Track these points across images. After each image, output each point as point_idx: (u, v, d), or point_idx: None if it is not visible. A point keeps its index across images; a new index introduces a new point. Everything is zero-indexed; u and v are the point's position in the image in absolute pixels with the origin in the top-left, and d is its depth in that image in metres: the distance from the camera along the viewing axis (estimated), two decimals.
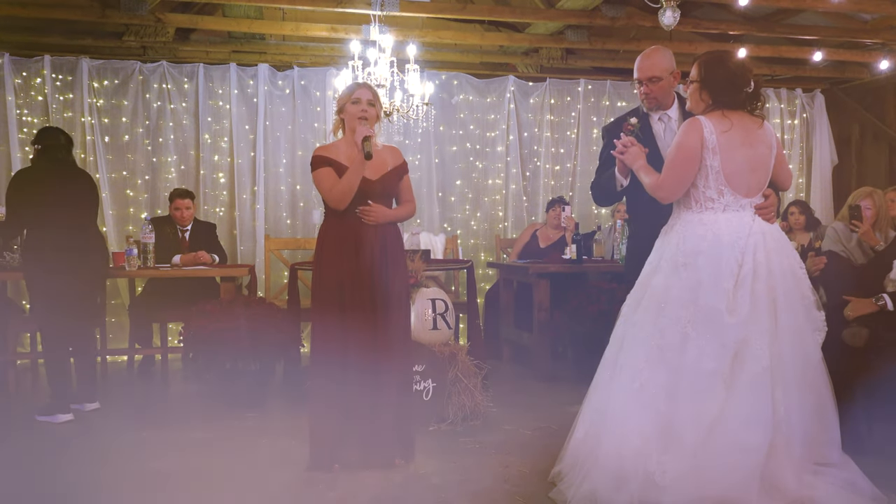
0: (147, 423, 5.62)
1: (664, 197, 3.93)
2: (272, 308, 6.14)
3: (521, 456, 4.76)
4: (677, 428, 3.61)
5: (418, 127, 8.96)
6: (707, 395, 3.60)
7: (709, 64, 3.89)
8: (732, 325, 3.64)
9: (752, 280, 3.70)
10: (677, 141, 3.89)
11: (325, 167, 4.50)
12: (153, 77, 8.62)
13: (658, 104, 4.46)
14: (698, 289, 3.72)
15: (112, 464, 4.67)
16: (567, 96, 9.68)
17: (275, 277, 8.63)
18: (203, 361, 5.85)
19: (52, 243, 5.68)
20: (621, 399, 3.77)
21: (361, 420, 4.46)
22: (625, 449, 3.64)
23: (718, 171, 3.79)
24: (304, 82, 9.00)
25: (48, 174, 5.84)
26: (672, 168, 3.86)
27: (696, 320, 3.69)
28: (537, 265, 7.17)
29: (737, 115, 3.85)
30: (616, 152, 4.19)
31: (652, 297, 3.86)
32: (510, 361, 8.02)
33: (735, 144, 3.81)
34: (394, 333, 4.51)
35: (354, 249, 4.48)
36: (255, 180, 8.83)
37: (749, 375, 3.60)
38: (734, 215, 3.83)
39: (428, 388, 5.41)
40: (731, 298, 3.68)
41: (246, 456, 4.82)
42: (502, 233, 9.44)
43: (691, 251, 3.80)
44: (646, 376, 3.72)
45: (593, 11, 7.99)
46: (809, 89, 10.31)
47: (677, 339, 3.70)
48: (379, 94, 4.84)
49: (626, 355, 3.85)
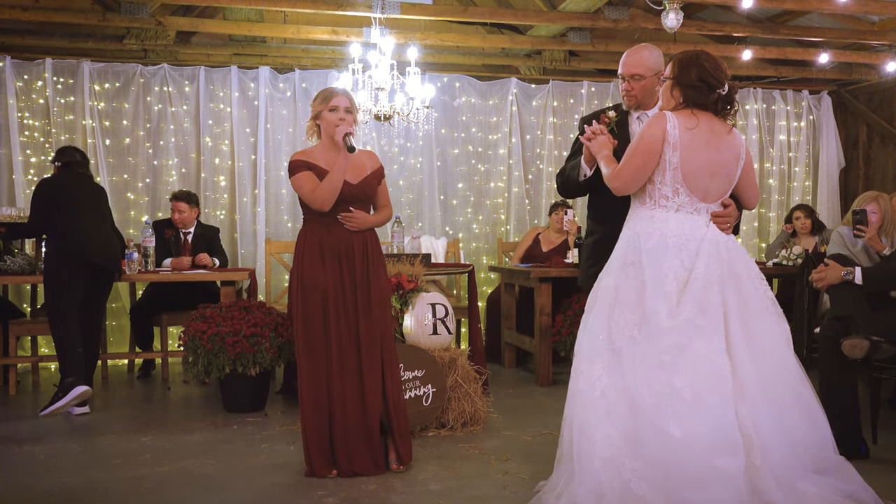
0: (147, 427, 5.67)
1: (619, 188, 3.81)
2: (272, 312, 6.20)
3: (521, 462, 4.79)
4: (644, 436, 3.49)
5: (419, 130, 9.01)
6: (665, 408, 3.46)
7: (682, 62, 3.80)
8: (669, 329, 3.53)
9: (701, 287, 3.58)
10: (640, 132, 3.79)
11: (304, 171, 4.55)
12: (154, 80, 8.69)
13: (638, 103, 4.34)
14: (642, 289, 3.63)
15: (112, 468, 4.72)
16: (570, 98, 9.73)
17: (275, 281, 8.69)
18: (203, 365, 5.91)
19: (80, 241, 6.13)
20: (587, 408, 3.65)
21: (349, 426, 4.51)
22: (595, 460, 3.54)
23: (676, 168, 3.69)
24: (305, 85, 9.06)
25: (73, 182, 6.35)
26: (631, 158, 3.76)
27: (641, 323, 3.60)
28: (540, 269, 7.22)
29: (705, 116, 3.76)
30: (584, 137, 4.10)
31: (603, 299, 3.77)
32: (511, 366, 8.08)
33: (698, 144, 3.71)
34: (377, 338, 4.58)
35: (337, 256, 4.55)
36: (256, 183, 8.89)
37: (717, 396, 3.46)
38: (687, 217, 3.74)
39: (427, 394, 5.46)
40: (672, 302, 3.58)
41: (245, 461, 4.87)
42: (504, 236, 9.49)
43: (638, 249, 3.72)
44: (605, 383, 3.62)
45: (596, 14, 8.02)
46: (816, 91, 10.35)
47: (625, 343, 3.61)
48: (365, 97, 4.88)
49: (585, 362, 3.75)
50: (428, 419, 5.47)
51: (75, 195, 6.27)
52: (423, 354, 5.47)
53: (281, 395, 6.67)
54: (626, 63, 4.30)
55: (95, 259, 6.18)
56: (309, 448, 4.52)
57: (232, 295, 6.72)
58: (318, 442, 4.51)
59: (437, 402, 5.49)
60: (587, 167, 4.25)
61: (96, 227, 6.29)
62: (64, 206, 6.19)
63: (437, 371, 5.50)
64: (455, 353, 5.71)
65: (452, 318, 5.78)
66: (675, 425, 3.42)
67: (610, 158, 3.95)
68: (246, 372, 5.91)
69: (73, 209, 6.20)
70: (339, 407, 4.50)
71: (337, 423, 4.51)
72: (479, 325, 6.75)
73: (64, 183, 6.33)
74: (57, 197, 6.21)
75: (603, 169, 3.94)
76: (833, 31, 8.64)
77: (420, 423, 5.39)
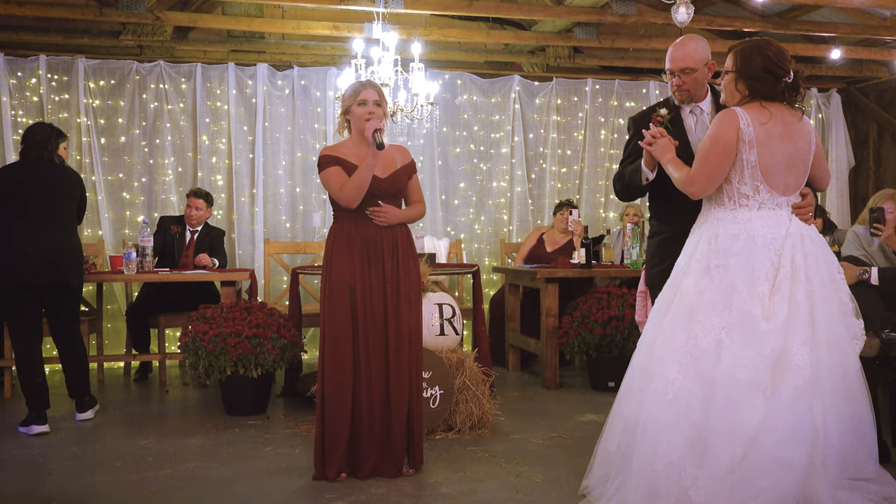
0: (146, 431, 5.65)
1: (695, 192, 3.78)
2: (275, 313, 6.18)
3: (532, 466, 4.78)
4: (713, 441, 3.48)
5: (422, 128, 9.00)
6: (744, 407, 3.46)
7: (745, 53, 3.76)
8: (769, 333, 3.51)
9: (790, 284, 3.58)
10: (711, 133, 3.75)
11: (333, 166, 4.52)
12: (150, 77, 8.67)
13: (690, 97, 4.26)
14: (732, 293, 3.60)
15: (111, 472, 4.69)
16: (574, 96, 9.72)
17: (274, 283, 8.67)
18: (204, 367, 5.89)
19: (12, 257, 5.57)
20: (653, 410, 3.63)
21: (374, 427, 4.49)
22: (658, 463, 3.52)
23: (755, 166, 3.66)
24: (304, 82, 9.05)
25: (24, 174, 5.73)
26: (705, 162, 3.72)
27: (730, 326, 3.56)
28: (546, 269, 7.21)
29: (775, 107, 3.72)
30: (644, 143, 4.05)
31: (683, 302, 3.72)
32: (516, 369, 8.07)
33: (773, 138, 3.67)
34: (405, 338, 4.53)
35: (366, 252, 4.51)
36: (254, 183, 8.88)
37: (790, 388, 3.46)
38: (770, 214, 3.71)
39: (435, 396, 5.44)
40: (767, 304, 3.56)
41: (249, 464, 4.85)
42: (507, 237, 9.48)
43: (724, 252, 3.67)
44: (679, 386, 3.58)
45: (603, 8, 8.02)
46: (825, 89, 10.35)
47: (711, 347, 3.57)
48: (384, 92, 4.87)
49: (657, 363, 3.71)
50: (435, 421, 5.45)
51: (23, 191, 5.64)
52: (431, 355, 5.45)
53: (282, 398, 6.65)
54: (675, 57, 4.23)
55: (32, 279, 5.57)
56: (324, 450, 4.49)
57: (232, 295, 6.71)
58: (333, 443, 4.48)
59: (445, 405, 5.47)
60: (648, 171, 4.18)
61: (38, 235, 5.58)
62: (6, 209, 5.62)
63: (444, 372, 5.48)
64: (462, 354, 5.70)
65: (460, 318, 5.77)
66: (755, 420, 3.45)
67: (676, 161, 3.90)
68: (248, 374, 5.89)
69: (15, 211, 5.61)
70: (365, 408, 4.48)
71: (364, 425, 4.48)
72: (484, 327, 6.74)
73: (12, 175, 5.76)
74: (2, 196, 5.66)
75: (673, 173, 3.89)
76: (845, 26, 8.65)
77: (428, 425, 5.36)
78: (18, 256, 5.54)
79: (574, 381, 7.46)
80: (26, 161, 5.79)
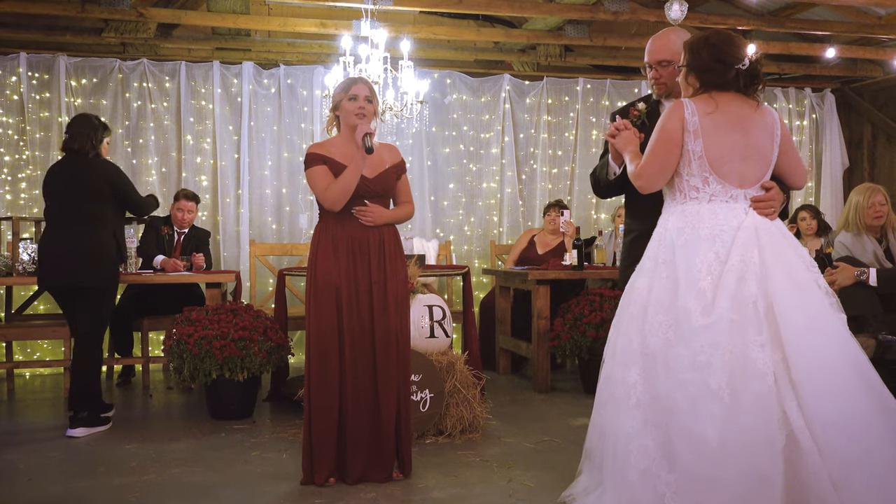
0: (130, 436, 5.61)
1: (643, 185, 3.71)
2: (261, 315, 6.16)
3: (524, 470, 4.76)
4: (679, 449, 3.36)
5: (410, 128, 9.00)
6: (700, 412, 3.32)
7: (693, 45, 3.71)
8: (703, 328, 3.39)
9: (735, 278, 3.44)
10: (658, 125, 3.69)
11: (319, 164, 4.49)
12: (133, 75, 8.65)
13: (668, 90, 4.19)
14: (675, 288, 3.52)
15: (96, 476, 4.67)
16: (565, 96, 9.74)
17: (260, 285, 8.64)
18: (189, 371, 5.86)
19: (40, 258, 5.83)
20: (620, 418, 3.53)
21: (362, 431, 4.46)
22: (631, 472, 3.43)
23: (701, 157, 3.58)
24: (290, 81, 9.03)
25: (56, 172, 5.87)
26: (651, 153, 3.67)
27: (675, 324, 3.47)
28: (537, 271, 7.20)
29: (726, 97, 3.65)
30: (607, 135, 4.01)
31: (637, 302, 3.66)
32: (507, 373, 8.06)
33: (722, 128, 3.59)
34: (393, 339, 4.51)
35: (351, 252, 4.49)
36: (240, 183, 8.86)
37: (752, 395, 3.31)
38: (721, 206, 3.61)
39: (425, 399, 5.43)
40: (707, 298, 3.43)
41: (236, 468, 4.83)
42: (497, 239, 9.48)
43: (670, 246, 3.61)
44: (640, 390, 3.50)
45: (595, 5, 8.03)
46: (819, 89, 10.39)
47: (660, 346, 3.48)
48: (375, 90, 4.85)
49: (619, 369, 3.62)
50: (426, 425, 5.44)
51: (52, 191, 5.82)
52: (421, 358, 5.44)
53: (268, 402, 6.63)
54: (652, 49, 4.18)
55: (51, 281, 5.76)
56: (312, 455, 4.46)
57: (218, 298, 6.68)
58: (321, 448, 4.45)
59: (435, 408, 5.46)
60: (615, 165, 4.15)
61: (57, 236, 5.72)
62: (45, 210, 5.86)
63: (434, 376, 5.47)
64: (453, 357, 5.68)
65: (450, 320, 5.76)
66: (711, 430, 3.29)
67: (636, 154, 3.84)
68: (234, 377, 5.86)
69: (46, 213, 5.85)
70: (351, 411, 4.45)
71: (350, 428, 4.46)
72: (475, 330, 6.72)
73: (49, 175, 5.88)
74: (44, 195, 5.88)
75: (628, 166, 3.83)
76: (839, 24, 8.68)
77: (417, 429, 5.35)
78: (42, 259, 5.79)
79: (566, 384, 7.45)
80: (63, 159, 5.90)
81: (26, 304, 7.67)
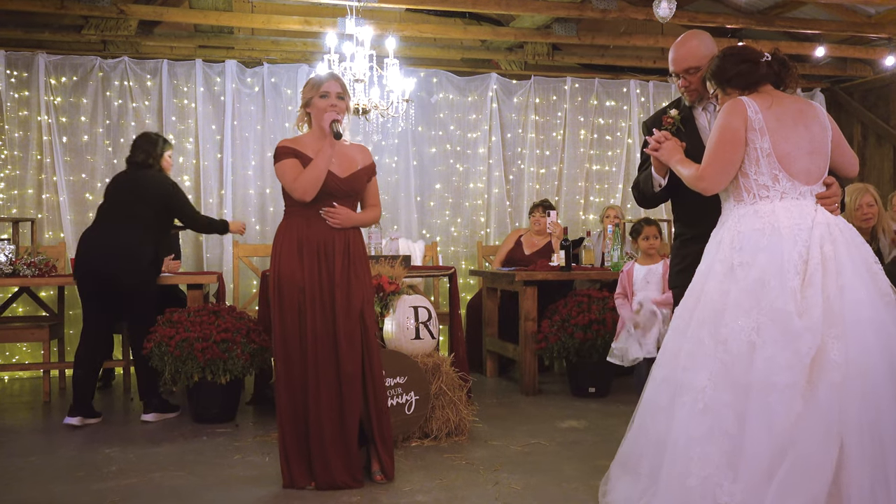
0: (111, 439, 5.58)
1: (706, 188, 3.65)
2: (244, 317, 6.13)
3: (511, 473, 4.75)
4: (749, 452, 3.31)
5: (396, 127, 8.99)
6: (782, 411, 3.28)
7: (713, 73, 3.76)
8: (805, 330, 3.33)
9: (821, 276, 3.41)
10: (718, 123, 3.64)
11: (290, 158, 4.47)
12: (114, 74, 8.61)
13: (700, 96, 4.15)
14: (760, 290, 3.44)
15: (75, 480, 4.63)
16: (553, 95, 9.74)
17: (244, 287, 8.61)
18: (170, 373, 5.83)
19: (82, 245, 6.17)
20: (683, 424, 3.47)
21: (330, 434, 4.43)
22: (691, 479, 3.35)
23: (770, 154, 3.55)
24: (274, 80, 9.01)
25: (115, 180, 6.38)
26: (714, 154, 3.61)
27: (761, 326, 3.40)
28: (524, 272, 7.19)
29: (776, 92, 3.65)
30: (649, 149, 3.98)
31: (707, 306, 3.58)
32: (493, 375, 8.05)
33: (785, 122, 3.57)
34: (358, 343, 4.48)
35: (316, 253, 4.46)
36: (223, 183, 8.82)
37: (826, 385, 3.28)
38: (793, 204, 3.56)
39: (410, 402, 5.41)
40: (799, 298, 3.39)
41: (218, 472, 4.80)
42: (484, 240, 9.47)
43: (748, 248, 3.53)
44: (710, 395, 3.43)
45: (583, 3, 8.03)
46: (808, 88, 10.43)
47: (743, 351, 3.41)
48: (349, 87, 4.81)
49: (685, 374, 3.56)
50: (411, 428, 5.42)
51: (110, 192, 6.29)
52: (406, 360, 5.42)
53: (252, 405, 6.59)
54: (678, 58, 4.14)
55: (87, 266, 6.05)
56: (287, 458, 4.45)
57: (199, 299, 6.64)
58: (296, 451, 4.44)
59: (421, 411, 5.44)
60: (659, 177, 4.10)
61: (104, 231, 6.12)
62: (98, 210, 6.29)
63: (420, 378, 5.45)
64: (439, 359, 5.66)
65: (436, 321, 5.74)
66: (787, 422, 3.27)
67: (685, 161, 3.81)
68: (216, 380, 5.84)
69: (100, 212, 6.25)
70: (314, 414, 4.42)
71: (313, 432, 4.42)
72: (461, 332, 6.71)
73: (111, 183, 6.37)
74: (104, 196, 6.34)
75: (682, 172, 3.79)
76: (829, 23, 8.72)
77: (402, 432, 5.34)
78: (85, 244, 6.11)
79: (553, 387, 7.45)
80: (127, 168, 6.37)
81: (4, 305, 7.61)
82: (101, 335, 6.21)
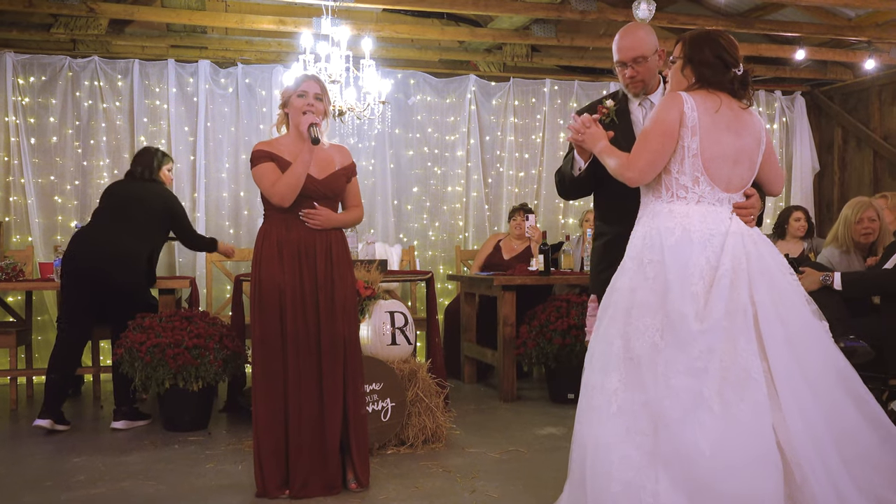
0: (79, 448, 5.54)
1: (634, 178, 3.59)
2: (217, 323, 6.09)
3: (489, 481, 4.73)
4: (667, 458, 3.26)
5: (372, 129, 8.96)
6: (689, 422, 3.24)
7: (695, 39, 3.67)
8: (700, 333, 3.32)
9: (729, 286, 3.38)
10: (653, 115, 3.61)
11: (267, 162, 4.45)
12: (84, 73, 8.54)
13: (645, 87, 4.14)
14: (666, 291, 3.42)
15: (42, 491, 4.59)
16: (532, 97, 9.74)
17: (217, 292, 8.56)
18: (141, 380, 5.78)
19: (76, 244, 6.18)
20: (601, 427, 3.42)
21: (309, 441, 4.40)
22: (614, 484, 3.31)
23: (696, 155, 3.51)
24: (248, 80, 8.97)
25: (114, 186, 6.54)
26: (646, 144, 3.56)
27: (664, 328, 3.38)
28: (503, 277, 7.18)
29: (724, 97, 3.59)
30: (571, 137, 3.91)
31: (618, 303, 3.55)
32: (472, 381, 8.03)
33: (719, 128, 3.53)
34: (340, 346, 4.46)
35: (297, 256, 4.45)
36: (196, 186, 8.78)
37: (750, 404, 3.24)
38: (709, 209, 3.55)
39: (386, 409, 5.39)
40: (700, 303, 3.37)
41: (189, 481, 4.77)
42: (462, 244, 9.45)
43: (658, 247, 3.50)
44: (622, 397, 3.39)
45: (562, 4, 8.04)
46: (789, 92, 10.48)
47: (647, 351, 3.39)
48: (328, 89, 4.80)
49: (598, 375, 3.52)
50: (386, 436, 5.40)
51: (107, 200, 6.37)
52: (381, 366, 5.40)
53: (225, 413, 6.55)
54: (625, 47, 4.09)
55: (80, 262, 6.05)
56: (262, 465, 4.41)
57: (171, 304, 6.60)
58: (272, 458, 4.40)
59: (397, 418, 5.42)
60: (581, 160, 4.03)
61: (101, 231, 6.18)
62: (94, 214, 6.38)
63: (396, 384, 5.43)
64: (415, 365, 5.66)
65: (412, 327, 5.73)
66: (703, 440, 3.21)
67: (611, 148, 3.74)
68: (188, 387, 5.80)
69: (95, 214, 6.34)
70: (294, 421, 4.39)
71: (292, 439, 4.40)
72: (438, 337, 6.69)
73: (109, 189, 6.49)
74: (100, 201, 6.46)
75: (608, 161, 3.72)
76: (809, 26, 8.76)
77: (378, 440, 5.32)
78: (80, 244, 6.13)
79: (532, 393, 7.44)
80: (127, 178, 6.52)
81: None
82: (79, 340, 6.18)
